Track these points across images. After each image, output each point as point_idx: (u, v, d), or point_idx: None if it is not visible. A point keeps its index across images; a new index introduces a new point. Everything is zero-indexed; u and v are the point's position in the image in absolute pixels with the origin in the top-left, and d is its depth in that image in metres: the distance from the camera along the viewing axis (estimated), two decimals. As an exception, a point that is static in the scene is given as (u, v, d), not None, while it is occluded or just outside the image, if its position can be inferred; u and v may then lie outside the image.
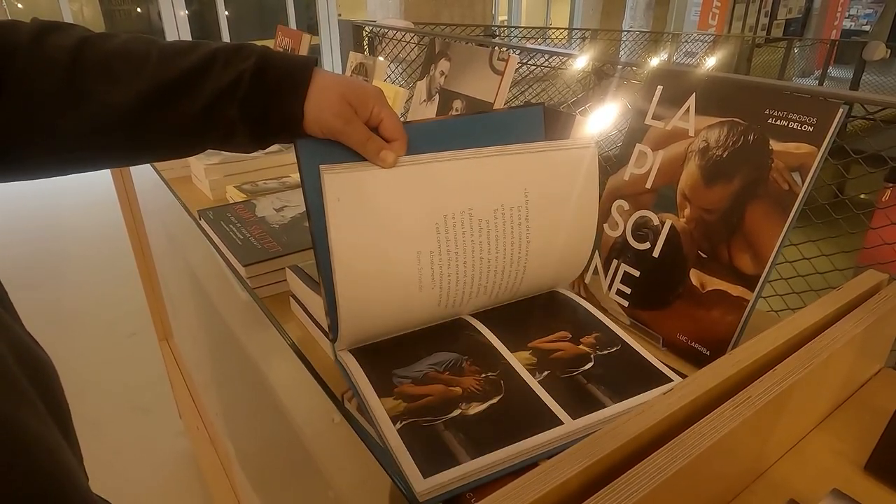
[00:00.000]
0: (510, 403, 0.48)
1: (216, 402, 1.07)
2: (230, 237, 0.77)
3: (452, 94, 0.92)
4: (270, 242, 0.75)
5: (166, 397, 1.96)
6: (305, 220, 0.82)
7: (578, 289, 0.72)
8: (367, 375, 0.50)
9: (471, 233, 0.54)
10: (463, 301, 0.57)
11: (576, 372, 0.52)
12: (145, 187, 1.39)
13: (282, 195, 0.91)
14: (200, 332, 1.03)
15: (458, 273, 0.54)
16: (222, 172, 1.04)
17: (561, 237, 0.60)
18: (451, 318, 0.59)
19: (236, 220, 0.82)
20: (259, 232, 0.78)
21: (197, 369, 1.26)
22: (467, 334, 0.56)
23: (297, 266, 0.67)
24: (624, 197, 0.68)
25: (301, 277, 0.65)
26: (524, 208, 0.57)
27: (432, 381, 0.50)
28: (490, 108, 0.85)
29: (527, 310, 0.62)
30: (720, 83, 0.60)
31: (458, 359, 0.53)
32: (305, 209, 0.50)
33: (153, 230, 1.35)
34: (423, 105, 0.97)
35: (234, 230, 0.79)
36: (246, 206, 0.87)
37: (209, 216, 0.84)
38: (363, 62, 1.22)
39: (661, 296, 0.62)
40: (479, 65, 0.87)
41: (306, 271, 0.66)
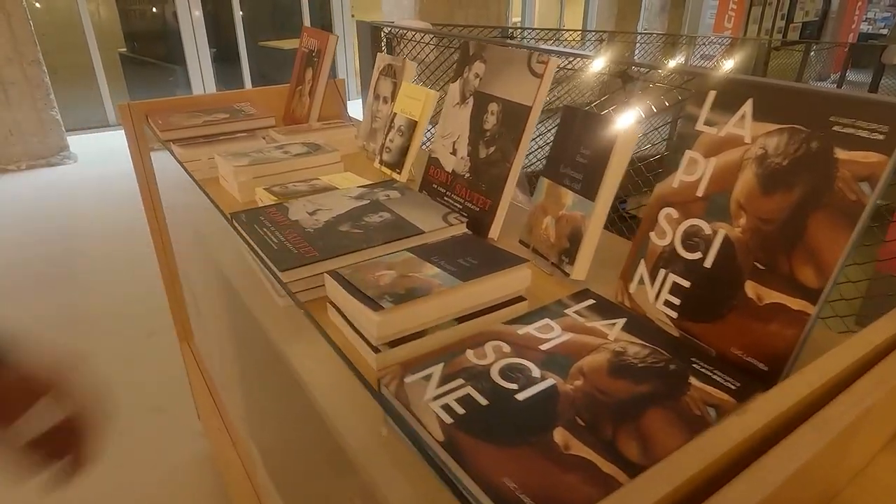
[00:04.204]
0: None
1: (241, 405, 1.06)
2: (265, 241, 0.76)
3: (488, 97, 0.90)
4: (306, 247, 0.74)
5: (184, 398, 1.95)
6: (339, 224, 0.81)
7: (622, 298, 0.70)
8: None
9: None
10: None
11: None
12: (169, 185, 1.38)
13: (313, 198, 0.90)
14: (227, 334, 1.02)
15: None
16: (251, 174, 1.03)
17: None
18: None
19: (270, 223, 0.81)
20: (294, 236, 0.77)
21: (220, 371, 1.25)
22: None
23: (337, 272, 0.66)
24: (672, 205, 0.66)
25: (342, 284, 0.63)
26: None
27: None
28: (527, 111, 0.83)
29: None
30: (780, 90, 0.58)
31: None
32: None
33: (176, 230, 1.34)
34: (457, 108, 0.96)
35: (268, 234, 0.78)
36: (278, 210, 0.85)
37: (242, 219, 0.83)
38: (391, 63, 1.21)
39: (714, 308, 0.60)
40: (516, 67, 0.86)
41: (347, 278, 0.64)
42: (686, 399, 0.50)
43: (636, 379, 0.52)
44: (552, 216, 0.78)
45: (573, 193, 0.74)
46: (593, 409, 0.48)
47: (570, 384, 0.51)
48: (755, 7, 8.70)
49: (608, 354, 0.55)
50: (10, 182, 4.15)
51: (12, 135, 4.31)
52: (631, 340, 0.58)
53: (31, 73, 4.27)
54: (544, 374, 0.52)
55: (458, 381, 0.51)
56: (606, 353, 0.55)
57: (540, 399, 0.49)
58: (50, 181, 4.18)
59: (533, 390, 0.50)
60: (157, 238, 1.51)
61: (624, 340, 0.58)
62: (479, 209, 0.89)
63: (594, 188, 0.72)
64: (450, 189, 0.95)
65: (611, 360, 0.54)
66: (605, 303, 0.65)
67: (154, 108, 1.41)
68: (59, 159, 4.47)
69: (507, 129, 0.86)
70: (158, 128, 1.25)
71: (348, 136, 1.31)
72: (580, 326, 0.60)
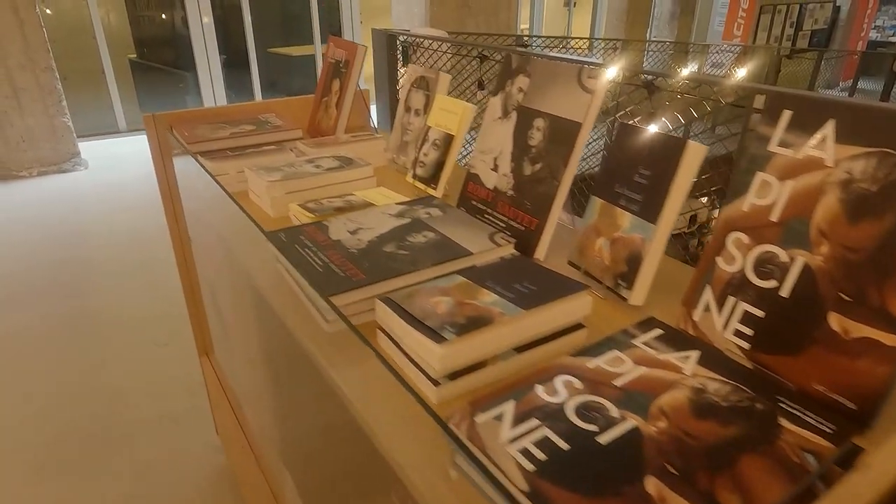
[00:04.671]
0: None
1: (272, 427, 1.03)
2: (308, 263, 0.73)
3: (532, 112, 0.87)
4: (352, 269, 0.71)
5: (199, 411, 1.92)
6: (383, 245, 0.78)
7: (685, 325, 0.66)
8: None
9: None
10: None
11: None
12: (191, 197, 1.35)
13: (352, 216, 0.87)
14: (258, 352, 0.99)
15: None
16: (284, 189, 1.01)
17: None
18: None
19: (311, 243, 0.78)
20: (337, 257, 0.74)
21: (247, 389, 1.22)
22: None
23: (390, 299, 0.63)
24: (742, 229, 0.63)
25: (397, 312, 0.60)
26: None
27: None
28: (577, 127, 0.80)
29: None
30: (867, 110, 0.55)
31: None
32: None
33: (199, 243, 1.31)
34: (499, 122, 0.93)
35: (310, 255, 0.75)
36: (318, 228, 0.82)
37: (281, 239, 0.80)
38: (424, 76, 1.18)
39: (793, 340, 0.57)
40: (564, 82, 0.83)
41: (402, 305, 0.61)
42: (781, 444, 0.46)
43: (723, 420, 0.49)
44: (606, 238, 0.75)
45: (631, 215, 0.71)
46: (684, 455, 0.45)
47: (653, 425, 0.48)
48: (764, 15, 8.69)
49: (688, 392, 0.52)
50: (22, 188, 4.14)
51: (24, 141, 4.30)
52: (709, 376, 0.54)
53: (44, 80, 4.27)
54: (623, 414, 0.49)
55: (533, 422, 0.48)
56: (686, 390, 0.52)
57: (624, 443, 0.46)
58: (61, 187, 4.17)
59: (614, 432, 0.47)
60: (178, 251, 1.49)
61: (702, 376, 0.54)
62: (524, 228, 0.86)
63: (655, 210, 0.68)
64: (491, 206, 0.92)
65: (692, 398, 0.51)
66: (674, 332, 0.62)
67: (178, 118, 1.38)
68: (70, 166, 4.46)
69: (554, 146, 0.83)
70: (185, 139, 1.22)
71: (377, 148, 1.28)
72: (652, 359, 0.57)
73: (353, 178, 1.07)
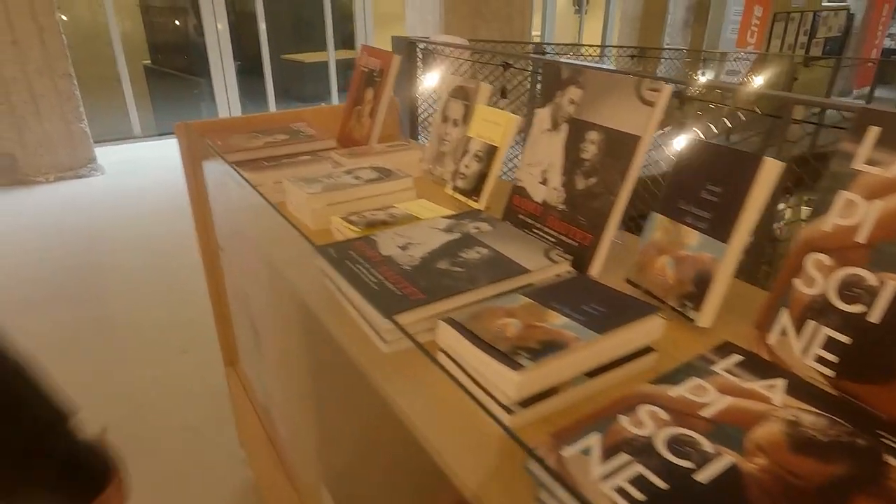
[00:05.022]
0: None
1: (310, 443, 1.00)
2: (361, 280, 0.71)
3: (586, 125, 0.85)
4: (409, 287, 0.69)
5: (221, 421, 1.90)
6: (436, 261, 0.75)
7: (759, 349, 0.64)
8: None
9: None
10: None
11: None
12: (224, 205, 1.34)
13: (400, 230, 0.85)
14: (300, 368, 0.97)
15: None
16: (324, 201, 0.98)
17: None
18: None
19: (362, 259, 0.76)
20: (392, 274, 0.72)
21: (279, 403, 1.20)
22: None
23: (454, 320, 0.60)
24: (823, 250, 0.60)
25: (464, 335, 0.58)
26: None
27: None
28: (636, 141, 0.78)
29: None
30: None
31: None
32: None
33: (233, 254, 1.30)
34: (548, 134, 0.90)
35: (363, 272, 0.72)
36: (367, 244, 0.80)
37: (331, 254, 0.77)
38: (463, 86, 1.16)
39: (885, 368, 0.54)
40: (621, 94, 0.80)
41: (468, 327, 0.59)
42: (890, 483, 0.44)
43: (825, 457, 0.46)
44: (670, 256, 0.72)
45: (699, 233, 0.69)
46: (792, 497, 0.42)
47: (752, 462, 0.45)
48: (777, 23, 8.65)
49: (783, 425, 0.49)
50: (39, 194, 4.16)
51: (42, 146, 4.32)
52: (800, 407, 0.51)
53: (63, 87, 4.29)
54: (717, 449, 0.46)
55: (624, 457, 0.46)
56: (779, 423, 0.49)
57: (725, 482, 0.43)
58: (78, 193, 4.18)
59: (712, 470, 0.44)
60: (206, 260, 1.47)
61: (793, 407, 0.51)
62: (577, 244, 0.83)
63: (727, 229, 0.66)
64: (540, 221, 0.90)
65: (789, 432, 0.48)
66: (753, 358, 0.59)
67: (208, 127, 1.37)
68: (87, 171, 4.47)
69: (610, 160, 0.81)
70: (219, 149, 1.21)
71: (412, 159, 1.26)
72: (736, 388, 0.54)
73: (392, 190, 1.05)
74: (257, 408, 1.44)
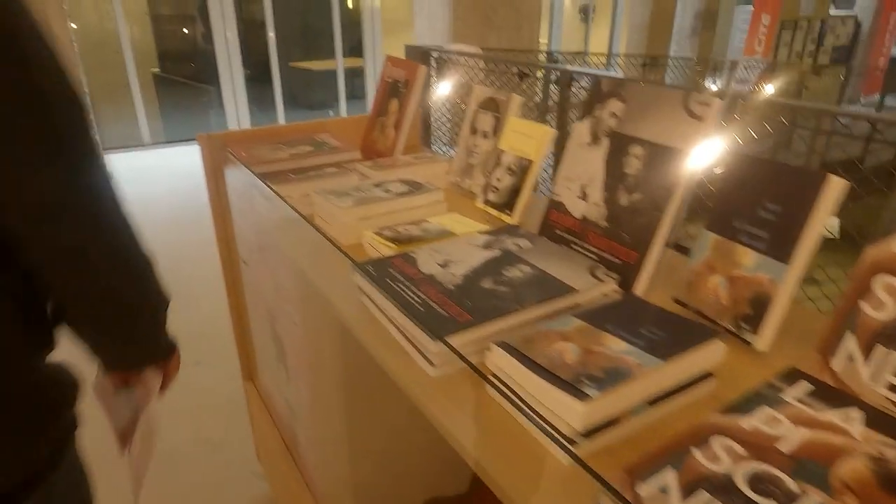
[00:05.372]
0: None
1: (340, 463, 0.98)
2: (405, 300, 0.68)
3: (629, 139, 0.83)
4: (455, 308, 0.66)
5: (238, 436, 1.88)
6: (480, 280, 0.73)
7: (823, 374, 0.61)
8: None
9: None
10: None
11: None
12: (248, 217, 1.32)
13: (437, 247, 0.82)
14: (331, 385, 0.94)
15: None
16: (356, 215, 0.96)
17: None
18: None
19: (402, 277, 0.73)
20: (435, 294, 0.69)
21: (306, 420, 1.18)
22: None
23: (509, 344, 0.58)
24: (893, 272, 0.58)
25: (521, 360, 0.56)
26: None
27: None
28: (682, 155, 0.75)
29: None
30: None
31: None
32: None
33: (256, 267, 1.28)
34: (587, 148, 0.88)
35: (405, 290, 0.70)
36: (406, 261, 0.78)
37: (370, 271, 0.75)
38: (494, 97, 1.14)
39: (966, 399, 0.52)
40: (667, 107, 0.78)
41: (524, 351, 0.56)
42: None
43: (918, 497, 0.43)
44: (723, 276, 0.70)
45: (756, 253, 0.66)
46: (892, 541, 0.40)
47: (841, 502, 0.43)
48: (785, 31, 8.64)
49: (867, 461, 0.46)
50: (49, 201, 4.15)
51: (52, 154, 4.32)
52: (883, 441, 0.49)
53: (73, 94, 4.30)
54: (802, 487, 0.44)
55: (704, 495, 0.43)
56: (864, 458, 0.47)
57: (817, 524, 0.41)
58: (88, 201, 4.16)
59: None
60: (227, 272, 1.45)
61: (875, 440, 0.49)
62: (620, 262, 0.81)
63: (788, 249, 0.63)
64: (579, 237, 0.87)
65: (876, 469, 0.45)
66: (823, 386, 0.57)
67: (230, 138, 1.35)
68: (96, 179, 4.46)
69: (656, 175, 0.78)
70: (242, 160, 1.19)
71: (438, 171, 1.24)
72: (811, 419, 0.51)
73: (423, 204, 1.03)
74: (277, 422, 1.41)
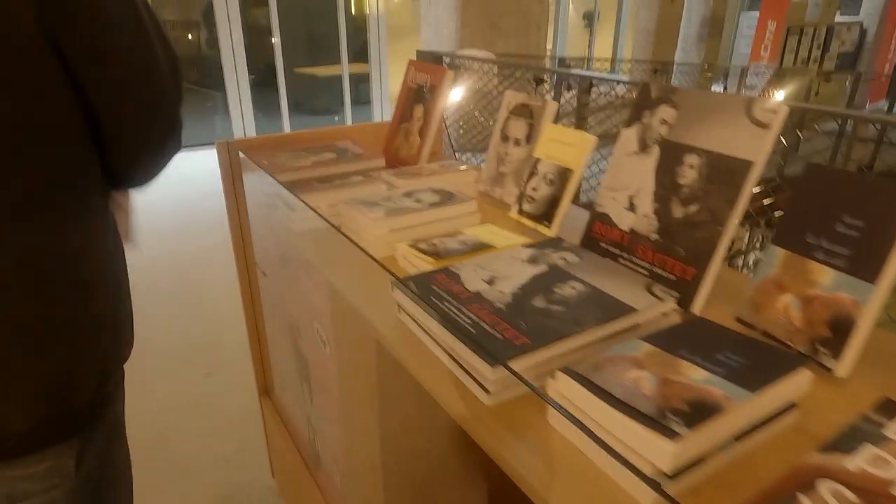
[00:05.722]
0: None
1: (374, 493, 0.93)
2: (455, 320, 0.64)
3: (683, 148, 0.78)
4: (510, 330, 0.62)
5: (251, 450, 1.83)
6: (531, 298, 0.68)
7: (914, 405, 0.56)
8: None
9: None
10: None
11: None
12: (266, 226, 1.27)
13: (479, 261, 0.78)
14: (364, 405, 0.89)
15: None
16: (388, 227, 0.92)
17: None
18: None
19: (448, 295, 0.69)
20: (486, 314, 0.65)
21: (326, 436, 1.13)
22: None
23: (575, 371, 0.53)
24: None
25: (590, 388, 0.51)
26: None
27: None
28: (747, 166, 0.71)
29: None
30: None
31: None
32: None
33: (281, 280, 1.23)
34: (635, 157, 0.84)
35: (453, 310, 0.65)
36: (448, 277, 0.73)
37: (412, 288, 0.71)
38: (527, 104, 1.10)
39: None
40: (727, 115, 0.74)
41: (595, 381, 0.51)
42: None
43: None
44: (795, 295, 0.65)
45: (835, 271, 0.62)
46: None
47: (980, 561, 0.38)
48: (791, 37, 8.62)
49: None
50: (54, 207, 4.11)
51: (57, 160, 4.28)
52: None
53: (79, 99, 4.26)
54: (931, 542, 0.39)
55: (824, 552, 0.38)
56: None
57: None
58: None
59: (937, 572, 0.37)
60: (244, 284, 1.40)
61: None
62: (675, 277, 0.76)
63: (873, 268, 0.59)
64: (627, 250, 0.83)
65: None
66: (925, 420, 0.52)
67: (248, 145, 1.31)
68: (101, 185, 4.42)
69: (716, 186, 0.74)
70: (265, 168, 1.15)
71: (467, 179, 1.19)
72: (922, 459, 0.47)
73: (457, 214, 0.98)
74: (295, 439, 1.36)
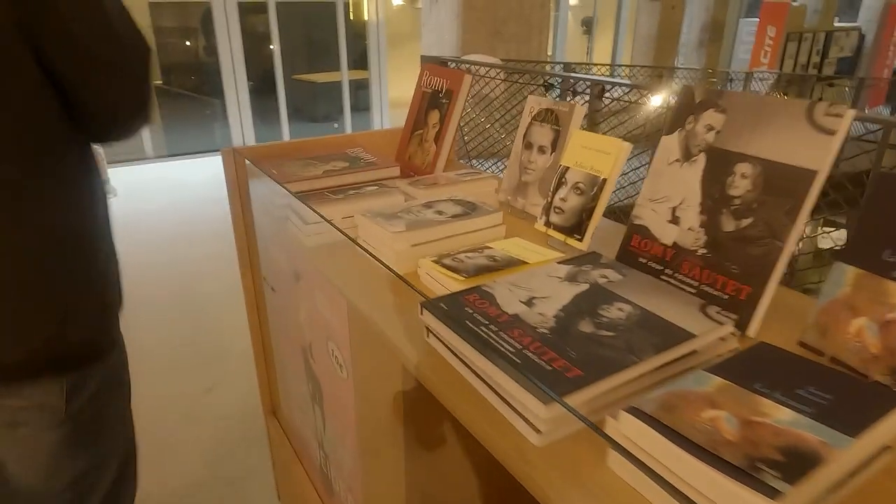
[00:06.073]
0: None
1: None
2: (495, 348, 0.57)
3: (732, 156, 0.72)
4: (558, 360, 0.55)
5: (255, 471, 1.76)
6: (576, 322, 0.62)
7: None
8: None
9: None
10: None
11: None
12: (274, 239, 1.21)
13: (514, 279, 0.71)
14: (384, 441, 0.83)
15: None
16: (410, 241, 0.86)
17: None
18: None
19: (484, 318, 0.62)
20: (529, 341, 0.58)
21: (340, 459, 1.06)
22: None
23: (642, 410, 0.47)
24: None
25: (663, 432, 0.44)
26: None
27: None
28: (810, 176, 0.65)
29: None
30: None
31: None
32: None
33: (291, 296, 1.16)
34: (677, 166, 0.78)
35: (492, 336, 0.59)
36: (482, 297, 0.67)
37: (442, 310, 0.64)
38: (552, 108, 1.04)
39: None
40: (785, 120, 0.68)
41: (665, 422, 0.45)
42: None
43: None
44: (870, 318, 0.59)
45: (920, 293, 0.56)
46: None
47: None
48: (791, 43, 8.61)
49: None
50: (51, 216, 4.04)
51: (54, 168, 4.21)
52: None
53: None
54: None
55: None
56: None
57: None
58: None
59: None
60: (250, 301, 1.34)
61: None
62: (728, 297, 0.70)
63: (968, 290, 0.53)
64: (671, 266, 0.77)
65: None
66: None
67: (254, 153, 1.25)
68: (99, 193, 4.36)
69: (773, 198, 0.68)
70: (275, 178, 1.08)
71: (486, 189, 1.13)
72: None
73: (482, 227, 0.92)
74: (305, 462, 1.29)
